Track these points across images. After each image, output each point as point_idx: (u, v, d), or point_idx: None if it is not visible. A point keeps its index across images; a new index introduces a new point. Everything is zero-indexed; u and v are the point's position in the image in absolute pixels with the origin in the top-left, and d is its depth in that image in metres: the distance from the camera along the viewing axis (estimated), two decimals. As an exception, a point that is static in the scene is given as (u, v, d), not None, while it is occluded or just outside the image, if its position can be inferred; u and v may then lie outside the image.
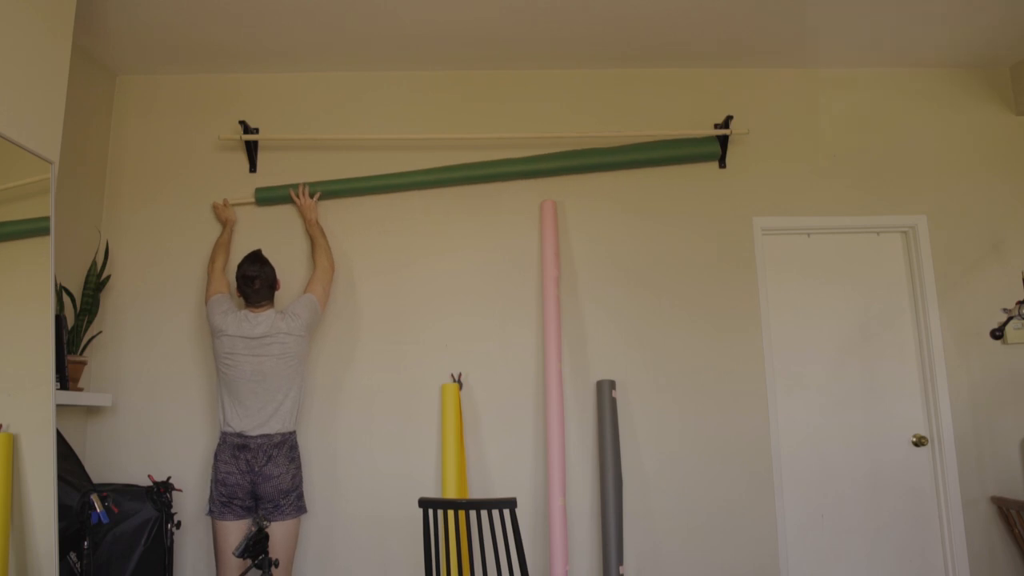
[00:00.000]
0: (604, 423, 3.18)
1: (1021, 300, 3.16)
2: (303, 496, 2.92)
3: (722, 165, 3.55)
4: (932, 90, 3.67)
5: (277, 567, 2.60)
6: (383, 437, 3.28)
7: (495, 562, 2.89)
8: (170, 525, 2.88)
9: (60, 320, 2.72)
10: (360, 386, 3.32)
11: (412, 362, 3.34)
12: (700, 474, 3.28)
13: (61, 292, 3.07)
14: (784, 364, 3.45)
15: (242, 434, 2.84)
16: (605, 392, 3.22)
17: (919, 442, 3.39)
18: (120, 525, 2.74)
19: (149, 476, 3.03)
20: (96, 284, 3.18)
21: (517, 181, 3.51)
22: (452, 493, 3.06)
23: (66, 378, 2.80)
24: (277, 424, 2.87)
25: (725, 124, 3.50)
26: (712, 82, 3.65)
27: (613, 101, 3.61)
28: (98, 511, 2.65)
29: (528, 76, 3.63)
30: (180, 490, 3.15)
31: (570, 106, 3.60)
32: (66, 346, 2.84)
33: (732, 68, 3.66)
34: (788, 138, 3.60)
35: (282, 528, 2.81)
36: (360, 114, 3.58)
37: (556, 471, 3.06)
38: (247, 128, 3.44)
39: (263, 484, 2.80)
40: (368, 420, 3.29)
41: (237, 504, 2.81)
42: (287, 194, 3.39)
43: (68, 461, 2.84)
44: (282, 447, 2.86)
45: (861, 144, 3.60)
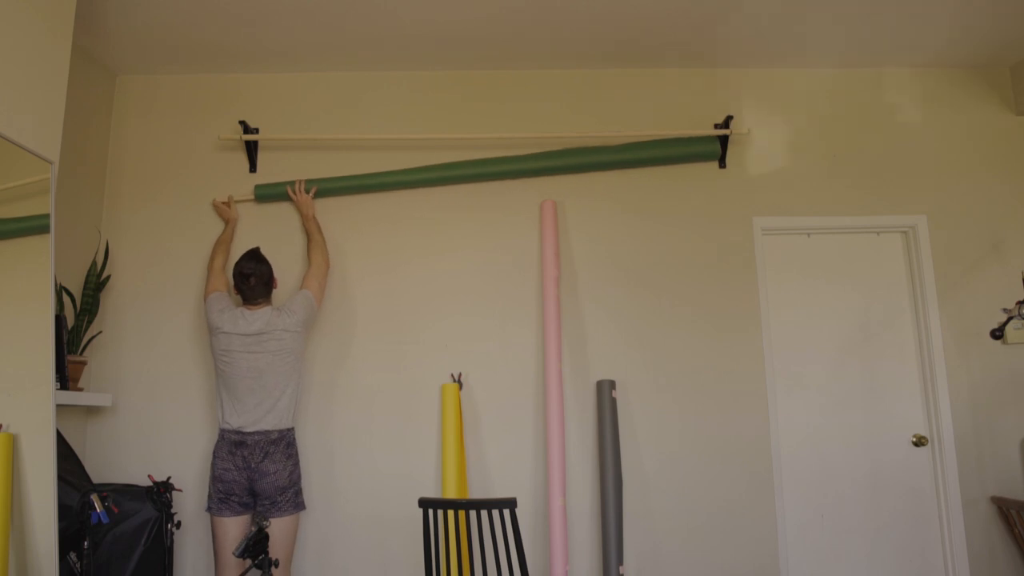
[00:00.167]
0: (604, 423, 3.18)
1: (1021, 300, 3.16)
2: (301, 493, 2.92)
3: (722, 165, 3.55)
4: (932, 90, 3.67)
5: (277, 567, 2.60)
6: (383, 437, 3.28)
7: (495, 562, 2.89)
8: (170, 525, 2.88)
9: (60, 320, 2.72)
10: (360, 386, 3.32)
11: (412, 362, 3.34)
12: (700, 474, 3.28)
13: (61, 292, 3.08)
14: (784, 364, 3.45)
15: (239, 431, 2.85)
16: (605, 392, 3.22)
17: (919, 442, 3.39)
18: (120, 525, 2.74)
19: (149, 476, 3.03)
20: (96, 284, 3.18)
21: (517, 181, 3.51)
22: (452, 493, 3.06)
23: (66, 378, 2.80)
24: (274, 420, 2.87)
25: (725, 124, 3.50)
26: (712, 82, 3.64)
27: (613, 101, 3.61)
28: (98, 511, 2.65)
29: (528, 76, 3.63)
30: (180, 490, 3.15)
31: (570, 106, 3.60)
32: (66, 346, 2.84)
33: (732, 68, 3.66)
34: (788, 138, 3.60)
35: (280, 525, 2.82)
36: (360, 114, 3.58)
37: (556, 471, 3.06)
38: (247, 128, 3.44)
39: (260, 480, 2.80)
40: (368, 420, 3.29)
41: (235, 500, 2.81)
42: (286, 190, 3.39)
43: (68, 461, 2.84)
44: (279, 443, 2.86)
45: (861, 144, 3.60)
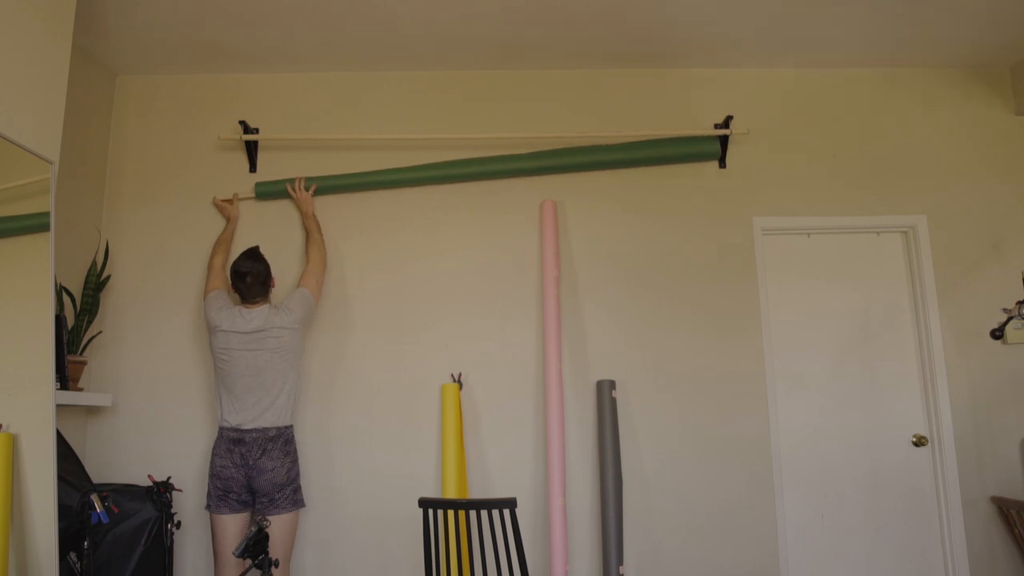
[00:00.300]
0: (604, 423, 3.18)
1: (1021, 300, 3.16)
2: (300, 490, 2.92)
3: (722, 165, 3.55)
4: (932, 90, 3.67)
5: (277, 567, 2.60)
6: (383, 437, 3.28)
7: (495, 562, 2.89)
8: (170, 525, 2.88)
9: (60, 320, 2.72)
10: (360, 385, 3.32)
11: (412, 362, 3.34)
12: (700, 474, 3.28)
13: (61, 292, 3.08)
14: (784, 364, 3.45)
15: (237, 428, 2.85)
16: (605, 392, 3.22)
17: (919, 442, 3.39)
18: (120, 525, 2.74)
19: (149, 476, 3.03)
20: (96, 284, 3.18)
21: (517, 180, 3.51)
22: (452, 493, 3.06)
23: (66, 378, 2.80)
24: (272, 418, 2.87)
25: (725, 124, 3.50)
26: (712, 82, 3.65)
27: (613, 101, 3.61)
28: (98, 511, 2.65)
29: (528, 76, 3.63)
30: (180, 490, 3.15)
31: (570, 106, 3.60)
32: (66, 346, 2.84)
33: (732, 68, 3.66)
34: (788, 138, 3.60)
35: (279, 523, 2.82)
36: (360, 114, 3.58)
37: (556, 471, 3.06)
38: (247, 128, 3.44)
39: (257, 477, 2.80)
40: (368, 420, 3.29)
41: (233, 498, 2.81)
42: (286, 188, 3.39)
43: (68, 461, 2.84)
44: (277, 441, 2.86)
45: (861, 144, 3.60)
